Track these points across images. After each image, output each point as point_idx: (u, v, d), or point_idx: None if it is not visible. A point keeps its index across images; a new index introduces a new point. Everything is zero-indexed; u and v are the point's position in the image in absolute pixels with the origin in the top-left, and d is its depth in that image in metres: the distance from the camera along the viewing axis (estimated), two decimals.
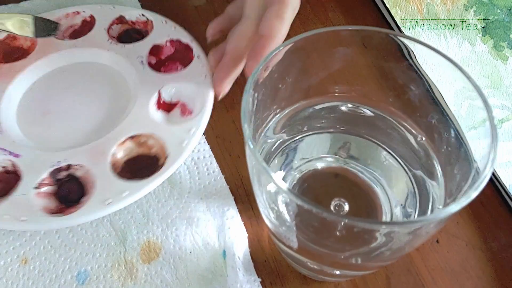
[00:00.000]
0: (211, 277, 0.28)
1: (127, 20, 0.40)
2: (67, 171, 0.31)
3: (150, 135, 0.32)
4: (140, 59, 0.36)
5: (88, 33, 0.38)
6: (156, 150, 0.32)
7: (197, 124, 0.32)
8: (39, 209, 0.29)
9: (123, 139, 0.32)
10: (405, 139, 0.27)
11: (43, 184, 0.30)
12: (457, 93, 0.23)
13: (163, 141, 0.32)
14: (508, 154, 0.32)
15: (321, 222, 0.20)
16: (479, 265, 0.29)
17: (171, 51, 0.38)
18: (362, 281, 0.28)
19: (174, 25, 0.38)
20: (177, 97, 0.35)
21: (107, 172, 0.30)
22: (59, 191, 0.31)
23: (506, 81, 0.36)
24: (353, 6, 0.43)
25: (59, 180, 0.31)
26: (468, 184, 0.21)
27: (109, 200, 0.29)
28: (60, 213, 0.29)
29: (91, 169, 0.31)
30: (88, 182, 0.31)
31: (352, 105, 0.28)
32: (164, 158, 0.31)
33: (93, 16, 0.39)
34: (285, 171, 0.28)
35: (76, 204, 0.30)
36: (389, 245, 0.21)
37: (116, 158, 0.32)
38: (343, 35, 0.25)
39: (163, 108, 0.35)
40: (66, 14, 0.40)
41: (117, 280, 0.28)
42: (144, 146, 0.32)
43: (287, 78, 0.27)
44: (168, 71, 0.37)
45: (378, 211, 0.27)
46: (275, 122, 0.27)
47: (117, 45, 0.37)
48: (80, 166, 0.31)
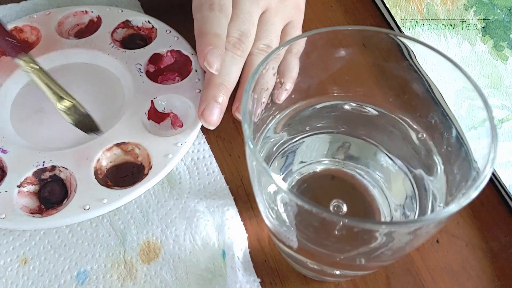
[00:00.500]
0: (211, 277, 0.28)
1: (132, 25, 0.39)
2: (51, 172, 0.31)
3: (137, 144, 0.32)
4: (138, 67, 0.36)
5: (92, 34, 0.38)
6: (142, 159, 0.32)
7: (185, 139, 0.32)
8: (19, 207, 0.30)
9: (110, 145, 0.32)
10: (407, 136, 0.27)
11: (26, 182, 0.31)
12: (457, 93, 0.23)
13: (149, 151, 0.32)
14: (508, 154, 0.32)
15: (321, 222, 0.20)
16: (479, 265, 0.29)
17: (171, 61, 0.37)
18: (362, 281, 0.28)
19: (177, 36, 0.38)
20: (169, 108, 0.35)
21: (89, 177, 0.30)
22: (41, 191, 0.31)
23: (506, 81, 0.36)
24: (353, 6, 0.43)
25: (43, 180, 0.31)
26: (468, 184, 0.21)
27: (87, 206, 0.29)
28: (39, 214, 0.30)
29: (74, 172, 0.31)
30: (71, 185, 0.31)
31: (354, 104, 0.28)
32: (148, 168, 0.31)
33: (100, 17, 0.39)
34: (284, 174, 0.28)
35: (56, 206, 0.30)
36: (389, 246, 0.21)
37: (100, 164, 0.32)
38: (343, 35, 0.25)
39: (154, 118, 0.34)
40: (75, 12, 0.40)
41: (116, 280, 0.28)
42: (130, 154, 0.32)
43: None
44: (166, 81, 0.37)
45: (376, 213, 0.27)
46: (275, 122, 0.27)
47: (118, 50, 0.37)
48: (64, 168, 0.31)
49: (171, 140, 0.32)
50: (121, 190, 0.30)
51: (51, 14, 0.39)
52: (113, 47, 0.37)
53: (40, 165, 0.31)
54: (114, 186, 0.31)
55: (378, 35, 0.24)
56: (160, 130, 0.34)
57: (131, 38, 0.39)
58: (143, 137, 0.32)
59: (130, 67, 0.36)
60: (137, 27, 0.40)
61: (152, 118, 0.34)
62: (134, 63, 0.36)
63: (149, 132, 0.33)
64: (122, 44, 0.39)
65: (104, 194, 0.30)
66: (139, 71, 0.36)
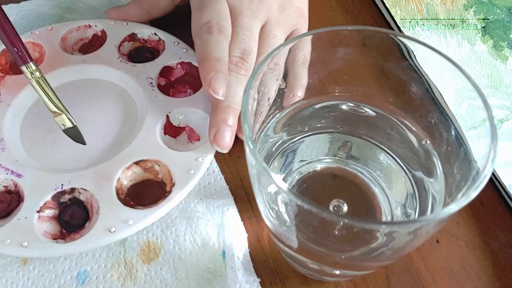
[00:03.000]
0: (211, 277, 0.28)
1: (138, 38, 0.39)
2: (71, 195, 0.30)
3: (157, 161, 0.31)
4: (149, 81, 0.35)
5: (98, 49, 0.37)
6: (162, 176, 0.31)
7: (205, 153, 0.31)
8: (41, 234, 0.28)
9: (129, 163, 0.31)
10: (406, 138, 0.27)
11: (45, 207, 0.29)
12: (457, 93, 0.23)
13: (169, 167, 0.31)
14: (508, 154, 0.32)
15: (321, 222, 0.20)
16: (479, 265, 0.29)
17: (181, 73, 0.37)
18: (362, 281, 0.28)
19: (186, 47, 0.37)
20: (184, 122, 0.34)
21: (111, 198, 0.29)
22: (61, 215, 0.30)
23: (506, 81, 0.36)
24: (353, 6, 0.43)
25: (62, 204, 0.30)
26: (468, 184, 0.21)
27: (113, 228, 0.28)
28: (61, 239, 0.29)
29: (95, 193, 0.30)
30: (92, 207, 0.30)
31: (353, 104, 0.28)
32: (171, 185, 0.30)
33: (104, 31, 0.38)
34: (284, 173, 0.28)
35: (78, 230, 0.29)
36: (389, 245, 0.21)
37: (121, 183, 0.31)
38: (343, 35, 0.25)
39: (170, 133, 0.33)
40: (78, 27, 0.39)
41: (116, 281, 0.28)
42: (150, 171, 0.31)
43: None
44: (177, 94, 0.36)
45: (377, 211, 0.27)
46: (275, 121, 0.27)
47: (127, 64, 0.36)
48: (84, 190, 0.30)
49: (192, 155, 0.31)
50: (146, 210, 0.29)
51: (54, 29, 0.38)
52: (122, 61, 0.36)
53: (59, 188, 0.30)
54: (137, 206, 0.30)
55: (378, 35, 0.24)
56: (177, 145, 0.33)
57: (138, 51, 0.38)
58: (162, 153, 0.31)
59: (141, 82, 0.35)
60: (144, 39, 0.39)
61: (168, 133, 0.33)
62: (145, 77, 0.35)
63: (168, 148, 0.32)
64: (129, 57, 0.38)
65: (129, 215, 0.29)
66: (151, 85, 0.35)
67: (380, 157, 0.28)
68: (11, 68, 0.37)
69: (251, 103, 0.22)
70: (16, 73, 0.36)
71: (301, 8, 0.36)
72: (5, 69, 0.36)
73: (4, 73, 0.36)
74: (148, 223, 0.29)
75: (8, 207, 0.30)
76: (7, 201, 0.30)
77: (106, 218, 0.29)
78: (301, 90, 0.28)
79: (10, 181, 0.30)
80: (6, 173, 0.31)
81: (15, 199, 0.30)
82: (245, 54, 0.33)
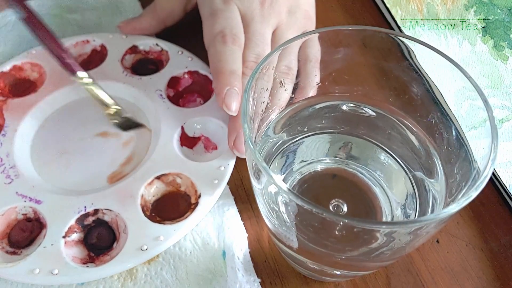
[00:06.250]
0: (211, 278, 0.28)
1: (140, 49, 0.38)
2: (94, 216, 0.29)
3: (178, 174, 0.31)
4: (159, 93, 0.34)
5: (100, 64, 0.36)
6: (185, 189, 0.31)
7: (227, 161, 0.31)
8: (71, 259, 0.28)
9: (151, 179, 0.30)
10: (406, 138, 0.27)
11: (70, 231, 0.29)
12: (457, 93, 0.23)
13: (192, 179, 0.30)
14: (508, 154, 0.32)
15: (321, 222, 0.20)
16: (479, 265, 0.29)
17: (188, 82, 0.36)
18: (362, 281, 0.28)
19: (191, 56, 0.36)
20: (199, 131, 0.34)
21: (138, 216, 0.29)
22: (86, 238, 0.29)
23: (506, 81, 0.36)
24: (353, 6, 0.43)
25: (86, 226, 0.29)
26: (468, 184, 0.21)
27: (144, 247, 0.27)
28: (91, 262, 0.28)
29: (121, 213, 0.29)
30: (118, 226, 0.29)
31: (353, 104, 0.28)
32: (196, 196, 0.30)
33: (104, 45, 0.37)
34: (285, 173, 0.28)
35: (107, 252, 0.28)
36: (389, 246, 0.21)
37: (145, 200, 0.30)
38: (343, 35, 0.25)
39: (187, 144, 0.33)
40: (76, 43, 0.38)
41: (116, 281, 0.28)
42: (172, 184, 0.31)
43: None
44: (187, 103, 0.35)
45: (377, 212, 0.27)
46: (275, 121, 0.27)
47: (133, 77, 0.35)
48: (109, 210, 0.29)
49: (213, 165, 0.31)
50: (176, 224, 0.28)
51: None
52: (127, 75, 0.36)
53: (82, 211, 0.29)
54: (165, 221, 0.29)
55: (378, 35, 0.24)
56: (194, 155, 0.33)
57: (141, 64, 0.37)
58: (182, 166, 0.31)
59: (150, 94, 0.34)
60: (145, 51, 0.38)
61: (185, 144, 0.33)
62: (153, 89, 0.35)
63: (188, 159, 0.31)
64: (133, 70, 0.37)
65: (159, 231, 0.28)
66: (161, 97, 0.34)
67: (381, 157, 0.28)
68: (11, 91, 0.36)
69: (251, 103, 0.22)
70: (18, 95, 0.35)
71: (308, 11, 0.36)
72: (5, 92, 0.35)
73: (5, 97, 0.35)
74: (179, 238, 0.28)
75: (30, 235, 0.29)
76: (29, 229, 0.29)
77: (136, 236, 0.28)
78: (313, 89, 0.28)
79: (29, 208, 0.30)
80: (24, 201, 0.30)
81: (37, 226, 0.29)
82: (259, 58, 0.32)
